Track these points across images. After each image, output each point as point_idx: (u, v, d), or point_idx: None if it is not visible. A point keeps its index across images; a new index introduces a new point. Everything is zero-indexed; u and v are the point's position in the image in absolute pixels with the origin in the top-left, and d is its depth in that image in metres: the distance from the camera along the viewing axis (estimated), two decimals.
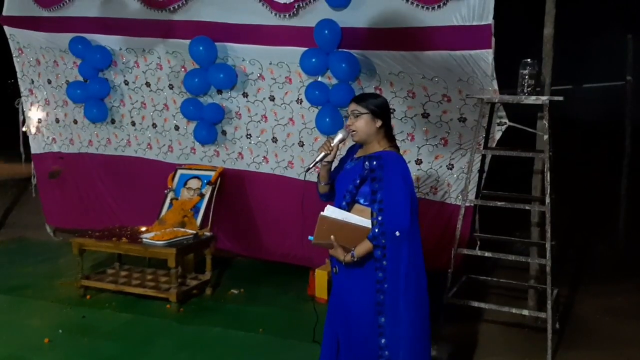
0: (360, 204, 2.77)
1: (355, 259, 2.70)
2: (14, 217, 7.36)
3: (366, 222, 2.71)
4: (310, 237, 2.78)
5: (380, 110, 2.81)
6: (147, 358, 3.86)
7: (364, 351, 2.77)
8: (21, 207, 7.69)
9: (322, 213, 2.73)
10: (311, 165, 2.91)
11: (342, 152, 3.07)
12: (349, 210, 2.77)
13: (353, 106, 2.82)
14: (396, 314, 2.69)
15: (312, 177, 4.96)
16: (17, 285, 5.06)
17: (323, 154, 2.85)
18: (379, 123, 2.79)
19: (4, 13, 5.91)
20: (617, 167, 5.69)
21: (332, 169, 3.00)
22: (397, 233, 2.64)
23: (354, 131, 2.81)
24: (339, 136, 2.86)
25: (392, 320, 2.69)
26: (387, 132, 2.85)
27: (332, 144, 2.85)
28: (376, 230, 2.66)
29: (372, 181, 2.70)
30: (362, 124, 2.78)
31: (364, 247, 2.69)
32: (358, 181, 2.75)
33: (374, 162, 2.71)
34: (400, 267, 2.67)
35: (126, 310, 4.57)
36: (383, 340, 2.71)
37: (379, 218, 2.66)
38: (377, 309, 2.70)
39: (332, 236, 2.72)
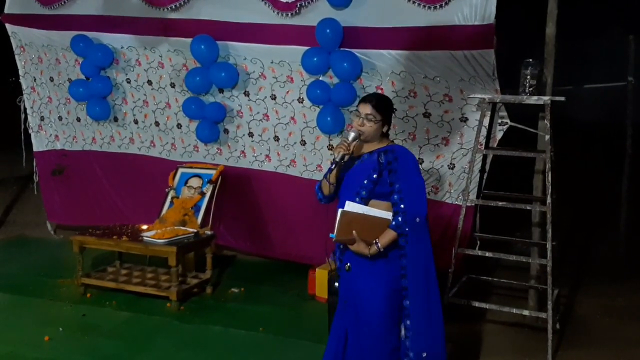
0: (372, 199, 2.86)
1: (381, 250, 2.78)
2: (14, 215, 7.36)
3: (384, 214, 2.80)
4: (331, 235, 2.83)
5: (391, 116, 2.97)
6: (147, 356, 3.86)
7: (377, 339, 2.83)
8: (22, 205, 7.69)
9: (342, 209, 2.80)
10: (333, 167, 2.93)
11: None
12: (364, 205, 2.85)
13: (369, 109, 2.88)
14: (423, 295, 2.81)
15: (314, 175, 4.99)
16: (17, 283, 5.06)
17: (342, 153, 2.89)
18: (386, 128, 2.95)
19: (6, 11, 5.91)
20: (618, 168, 5.68)
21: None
22: (418, 219, 2.77)
23: (362, 131, 2.89)
24: (352, 135, 2.93)
25: (419, 300, 2.80)
26: (387, 130, 2.99)
27: (349, 143, 2.89)
28: (399, 219, 2.76)
29: (390, 173, 2.81)
30: (374, 128, 2.89)
31: (388, 236, 2.78)
32: (375, 175, 2.83)
33: (389, 155, 2.84)
34: (423, 252, 2.81)
35: (126, 309, 4.57)
36: (408, 322, 2.81)
37: (401, 206, 2.76)
38: (403, 294, 2.80)
39: (353, 231, 2.78)
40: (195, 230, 4.82)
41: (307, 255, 4.93)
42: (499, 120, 4.32)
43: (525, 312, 3.99)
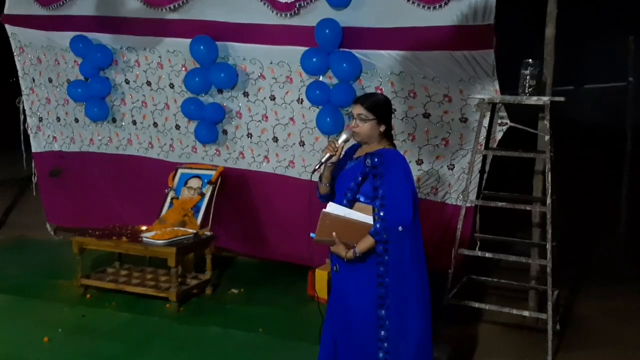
0: (361, 201, 2.80)
1: (358, 255, 2.73)
2: (14, 216, 7.36)
3: (368, 219, 2.74)
4: (312, 234, 2.81)
5: (386, 115, 2.87)
6: (147, 357, 3.86)
7: (362, 348, 2.79)
8: (22, 206, 7.69)
9: (324, 210, 2.76)
10: (317, 167, 2.91)
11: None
12: (350, 208, 2.79)
13: (359, 109, 2.83)
14: (399, 307, 2.73)
15: (313, 177, 4.97)
16: (17, 284, 5.05)
17: (328, 154, 2.85)
18: (382, 127, 2.85)
19: (5, 12, 5.91)
20: (618, 168, 5.67)
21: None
22: (400, 228, 2.69)
23: (356, 133, 2.84)
24: (343, 137, 2.88)
25: (394, 312, 2.73)
26: (387, 132, 2.90)
27: (337, 145, 2.85)
28: (378, 225, 2.69)
29: (374, 177, 2.73)
30: (367, 128, 2.82)
31: (366, 242, 2.72)
32: (360, 178, 2.78)
33: (375, 159, 2.75)
34: (403, 262, 2.73)
35: (126, 310, 4.56)
36: (382, 333, 2.74)
37: (381, 213, 2.69)
38: (378, 302, 2.73)
39: (333, 233, 2.74)
40: (194, 231, 4.82)
41: (306, 256, 4.92)
42: (499, 121, 4.31)
43: (525, 313, 3.98)
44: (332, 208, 2.76)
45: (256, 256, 5.58)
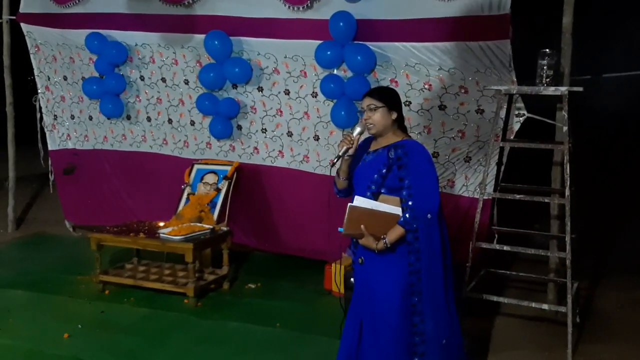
0: (383, 193, 2.83)
1: (389, 246, 2.76)
2: (33, 212, 7.44)
3: (394, 209, 2.78)
4: (340, 229, 2.83)
5: (395, 102, 2.91)
6: (165, 352, 3.88)
7: (391, 334, 2.81)
8: (41, 202, 7.77)
9: (350, 204, 2.79)
10: (335, 161, 2.93)
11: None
12: (374, 200, 2.82)
13: (368, 100, 2.88)
14: (432, 293, 2.78)
15: (327, 171, 4.96)
16: (36, 281, 5.10)
17: (345, 148, 2.88)
18: (394, 115, 2.88)
19: (21, 10, 5.96)
20: (637, 157, 5.59)
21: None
22: (429, 216, 2.73)
23: (371, 124, 2.86)
24: (358, 129, 2.90)
25: (427, 299, 2.77)
26: (400, 123, 2.94)
27: (352, 138, 2.88)
28: (407, 215, 2.74)
29: (399, 168, 2.77)
30: (379, 117, 2.85)
31: (396, 232, 2.75)
32: (384, 170, 2.80)
33: (399, 150, 2.80)
34: (434, 249, 2.77)
35: (144, 305, 4.59)
36: (416, 318, 2.79)
37: (410, 203, 2.73)
38: (411, 290, 2.77)
39: (362, 226, 2.76)
40: (211, 227, 4.83)
41: (321, 250, 4.92)
42: (516, 112, 4.26)
43: (545, 306, 3.94)
44: (359, 201, 2.79)
45: (271, 251, 5.58)
